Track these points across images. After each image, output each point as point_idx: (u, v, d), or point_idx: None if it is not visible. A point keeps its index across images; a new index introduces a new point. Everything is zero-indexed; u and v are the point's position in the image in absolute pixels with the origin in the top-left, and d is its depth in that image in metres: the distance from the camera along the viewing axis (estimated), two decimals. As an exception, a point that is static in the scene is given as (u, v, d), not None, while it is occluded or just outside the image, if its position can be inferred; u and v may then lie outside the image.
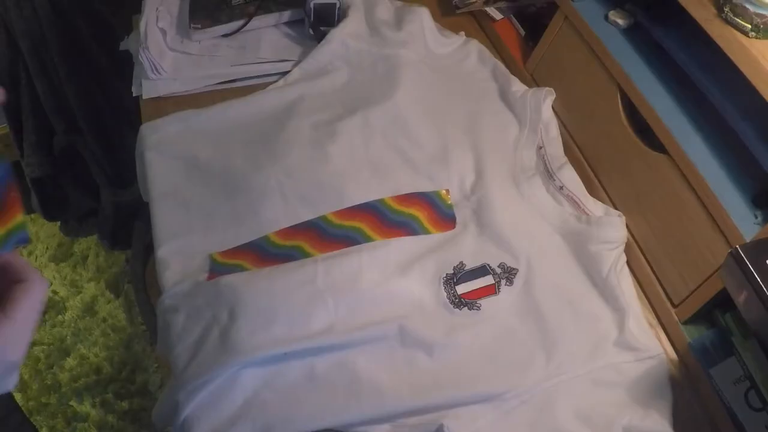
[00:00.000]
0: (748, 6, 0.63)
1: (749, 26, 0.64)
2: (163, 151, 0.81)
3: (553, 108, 0.88)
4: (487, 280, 0.72)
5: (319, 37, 0.92)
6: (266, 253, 0.72)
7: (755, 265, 0.54)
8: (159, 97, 0.88)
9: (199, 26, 0.92)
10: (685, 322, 0.72)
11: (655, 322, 0.75)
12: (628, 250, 0.77)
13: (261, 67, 0.92)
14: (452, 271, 0.72)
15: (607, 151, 0.82)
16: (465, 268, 0.73)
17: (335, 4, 0.92)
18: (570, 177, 0.81)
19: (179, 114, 0.84)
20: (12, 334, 0.43)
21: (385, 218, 0.75)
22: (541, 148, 0.84)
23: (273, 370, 0.64)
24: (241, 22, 0.93)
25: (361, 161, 0.80)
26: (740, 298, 0.56)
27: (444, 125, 0.85)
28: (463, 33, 0.98)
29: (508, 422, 0.64)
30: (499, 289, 0.72)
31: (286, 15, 0.96)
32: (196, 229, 0.74)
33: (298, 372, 0.65)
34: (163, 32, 0.92)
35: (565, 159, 0.83)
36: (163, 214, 0.76)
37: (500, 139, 0.85)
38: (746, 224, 0.65)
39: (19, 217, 0.52)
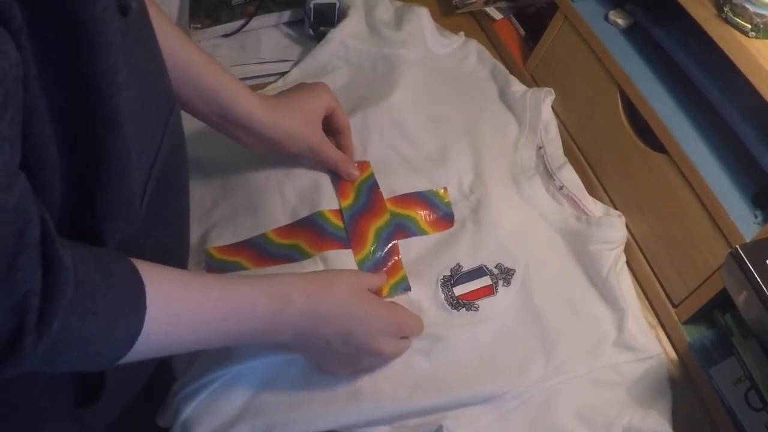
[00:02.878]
0: (747, 6, 0.63)
1: (749, 26, 0.64)
2: (164, 151, 0.81)
3: (553, 108, 0.88)
4: (485, 281, 0.72)
5: (319, 37, 0.92)
6: (264, 251, 0.71)
7: (755, 265, 0.54)
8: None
9: (199, 26, 0.92)
10: (685, 322, 0.72)
11: (655, 322, 0.75)
12: (627, 250, 0.77)
13: (261, 67, 0.91)
14: (449, 273, 0.72)
15: (607, 151, 0.82)
16: (462, 270, 0.72)
17: (335, 4, 0.92)
18: (570, 177, 0.81)
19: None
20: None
21: None
22: (540, 148, 0.84)
23: (273, 371, 0.64)
24: (241, 22, 0.93)
25: (360, 161, 0.80)
26: (740, 298, 0.56)
27: (443, 125, 0.85)
28: (462, 33, 0.97)
29: (508, 423, 0.64)
30: (496, 289, 0.72)
31: (286, 15, 0.95)
32: (195, 228, 0.74)
33: (298, 373, 0.65)
34: (163, 32, 0.92)
35: (564, 159, 0.83)
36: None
37: (499, 139, 0.84)
38: (746, 224, 0.65)
39: (402, 272, 0.71)
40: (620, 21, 0.82)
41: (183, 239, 0.65)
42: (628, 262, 0.77)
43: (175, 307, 0.49)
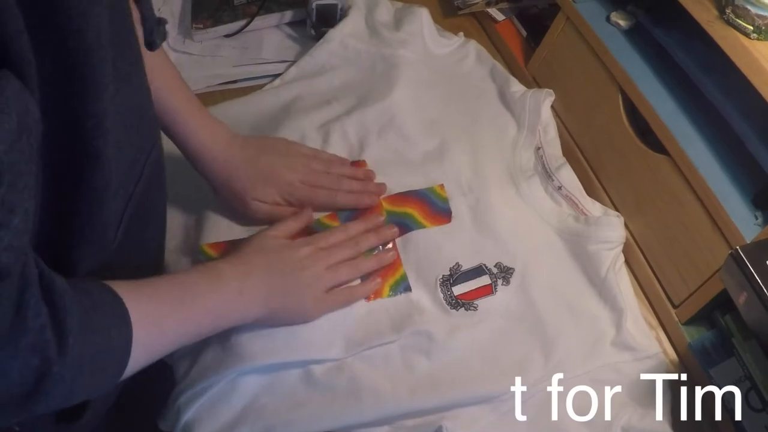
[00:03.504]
0: (749, 7, 0.63)
1: (750, 28, 0.64)
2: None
3: (554, 109, 0.88)
4: (484, 281, 0.72)
5: (321, 37, 0.92)
6: None
7: (755, 266, 0.54)
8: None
9: (201, 26, 0.92)
10: (686, 323, 0.72)
11: (655, 322, 0.75)
12: (628, 250, 0.77)
13: (263, 68, 0.92)
14: (448, 272, 0.72)
15: (608, 152, 0.82)
16: (461, 269, 0.72)
17: (337, 4, 0.92)
18: (568, 177, 0.81)
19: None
20: None
21: None
22: (539, 148, 0.84)
23: (272, 374, 0.64)
24: (242, 23, 0.93)
25: (356, 160, 0.80)
26: (740, 299, 0.56)
27: (441, 125, 0.85)
28: (462, 34, 0.97)
29: (508, 423, 0.64)
30: (495, 289, 0.72)
31: (288, 15, 0.96)
32: (195, 228, 0.74)
33: (297, 376, 0.64)
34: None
35: (563, 159, 0.83)
36: (164, 215, 0.76)
37: (498, 139, 0.84)
38: (746, 225, 0.65)
39: (401, 270, 0.71)
40: (622, 22, 0.82)
41: (157, 263, 0.67)
42: (628, 263, 0.77)
43: (147, 309, 0.51)
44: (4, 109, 0.32)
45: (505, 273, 0.73)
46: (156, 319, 0.52)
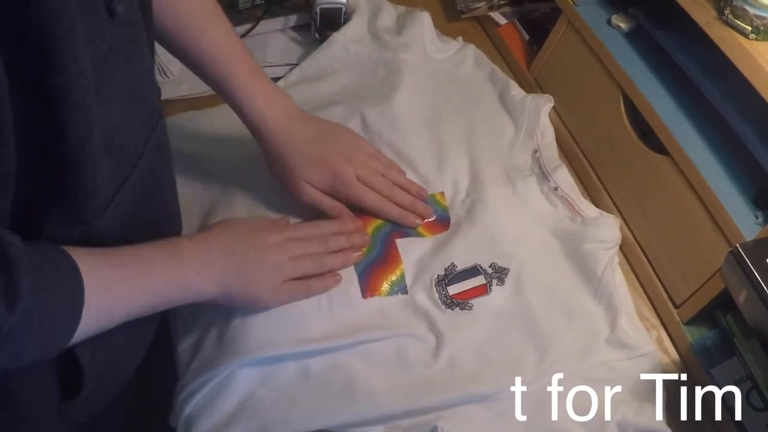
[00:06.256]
0: (747, 8, 0.64)
1: (749, 28, 0.64)
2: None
3: (556, 111, 0.89)
4: (478, 281, 0.72)
5: (325, 40, 0.93)
6: None
7: (755, 264, 0.54)
8: (166, 100, 0.89)
9: (207, 30, 0.93)
10: (687, 323, 0.72)
11: (657, 322, 0.75)
12: (629, 250, 0.78)
13: (267, 71, 0.91)
14: (443, 272, 0.72)
15: (609, 153, 0.82)
16: (456, 269, 0.72)
17: (341, 8, 0.93)
18: (565, 179, 0.81)
19: (184, 115, 0.85)
20: None
21: None
22: (536, 151, 0.84)
23: (268, 369, 0.64)
24: (248, 26, 0.94)
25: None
26: (740, 297, 0.56)
27: (440, 128, 0.85)
28: (460, 38, 0.98)
29: (503, 422, 0.64)
30: (490, 289, 0.72)
31: (293, 19, 0.96)
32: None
33: (294, 372, 0.65)
34: (171, 36, 0.93)
35: (560, 162, 0.83)
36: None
37: (496, 141, 0.85)
38: (747, 225, 0.65)
39: (401, 267, 0.69)
40: (623, 25, 0.82)
41: None
42: (630, 263, 0.77)
43: (102, 275, 0.50)
44: None
45: (499, 273, 0.73)
46: (110, 287, 0.51)
